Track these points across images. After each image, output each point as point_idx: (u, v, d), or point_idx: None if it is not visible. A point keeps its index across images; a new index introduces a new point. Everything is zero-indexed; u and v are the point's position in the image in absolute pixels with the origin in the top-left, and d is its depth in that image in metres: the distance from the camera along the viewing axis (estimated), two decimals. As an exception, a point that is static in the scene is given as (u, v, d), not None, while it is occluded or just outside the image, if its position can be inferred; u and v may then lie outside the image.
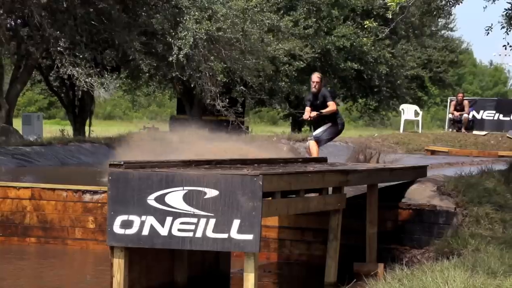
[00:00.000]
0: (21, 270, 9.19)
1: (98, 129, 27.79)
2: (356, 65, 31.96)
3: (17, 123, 23.07)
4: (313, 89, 12.39)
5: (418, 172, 10.86)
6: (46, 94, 31.56)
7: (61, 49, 18.54)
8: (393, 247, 9.90)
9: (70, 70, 18.76)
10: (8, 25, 19.71)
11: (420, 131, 28.15)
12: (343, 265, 8.96)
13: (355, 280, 7.83)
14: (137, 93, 35.12)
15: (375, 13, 32.46)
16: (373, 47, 32.06)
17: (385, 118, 43.66)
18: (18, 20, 20.30)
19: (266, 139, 20.64)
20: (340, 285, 7.93)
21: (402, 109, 29.75)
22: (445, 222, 9.83)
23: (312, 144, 12.32)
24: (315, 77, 12.44)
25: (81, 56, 18.97)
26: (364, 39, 29.56)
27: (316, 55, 30.49)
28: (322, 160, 10.86)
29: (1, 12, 18.23)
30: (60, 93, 26.17)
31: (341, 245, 8.90)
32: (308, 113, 12.33)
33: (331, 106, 12.24)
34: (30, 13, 18.55)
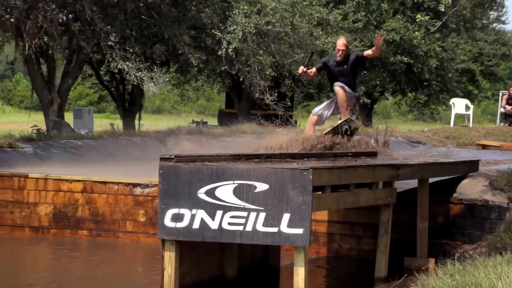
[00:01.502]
0: (74, 262, 9.31)
1: (147, 123, 28.01)
2: (406, 59, 31.70)
3: (68, 117, 23.35)
4: (338, 58, 10.62)
5: (470, 167, 10.74)
6: (96, 88, 31.89)
7: (112, 44, 18.71)
8: (444, 242, 9.81)
9: (121, 65, 18.92)
10: (60, 20, 19.94)
11: (471, 125, 27.82)
12: (394, 260, 8.90)
13: (406, 275, 7.78)
14: (185, 87, 35.29)
15: (425, 6, 32.14)
16: (423, 41, 31.77)
17: (435, 112, 43.27)
18: (70, 15, 20.53)
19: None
20: (390, 280, 7.88)
21: (453, 103, 29.42)
22: (498, 217, 9.71)
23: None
24: (341, 44, 10.65)
25: (131, 51, 19.12)
26: (416, 32, 29.28)
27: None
28: (372, 154, 10.79)
29: (53, 7, 18.45)
30: (110, 87, 26.43)
31: (392, 240, 8.84)
32: (310, 72, 10.72)
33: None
34: (81, 8, 18.75)
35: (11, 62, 22.69)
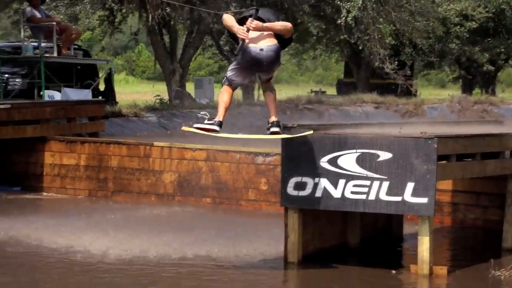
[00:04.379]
0: (196, 229, 9.47)
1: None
2: (532, 24, 30.64)
3: (189, 87, 23.75)
4: None
5: None
6: (216, 58, 32.27)
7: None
8: None
9: (240, 35, 19.04)
10: (182, -9, 20.23)
11: None
12: (521, 231, 8.69)
13: (534, 246, 7.59)
14: (303, 57, 35.21)
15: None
16: (551, 5, 30.57)
17: None
18: (192, -14, 20.78)
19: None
20: (518, 251, 7.71)
21: None
22: None
23: None
24: None
25: (250, 21, 19.22)
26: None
27: (490, 15, 29.45)
28: (498, 123, 10.52)
29: (175, -22, 18.76)
30: (230, 57, 26.68)
31: (519, 211, 8.62)
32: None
33: None
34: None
35: (135, 33, 23.26)
